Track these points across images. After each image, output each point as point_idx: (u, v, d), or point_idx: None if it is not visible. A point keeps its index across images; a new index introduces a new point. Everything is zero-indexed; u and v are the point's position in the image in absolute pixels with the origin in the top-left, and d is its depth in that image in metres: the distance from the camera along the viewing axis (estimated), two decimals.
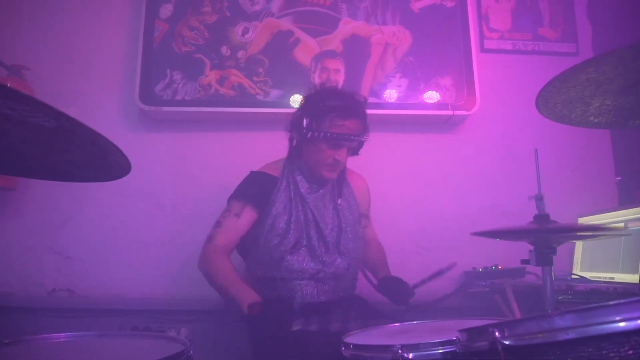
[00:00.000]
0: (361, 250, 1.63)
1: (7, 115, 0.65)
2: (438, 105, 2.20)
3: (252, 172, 1.64)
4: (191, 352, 0.88)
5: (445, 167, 2.27)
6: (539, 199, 1.24)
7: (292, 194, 1.58)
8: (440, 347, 0.86)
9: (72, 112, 0.65)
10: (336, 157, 1.51)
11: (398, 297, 1.46)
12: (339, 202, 1.61)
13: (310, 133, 1.49)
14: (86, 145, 0.76)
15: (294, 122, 1.56)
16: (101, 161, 0.83)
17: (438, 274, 1.46)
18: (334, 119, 1.48)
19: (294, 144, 1.60)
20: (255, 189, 1.57)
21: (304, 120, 1.50)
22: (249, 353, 1.56)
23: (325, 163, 1.52)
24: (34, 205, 2.09)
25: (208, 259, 1.50)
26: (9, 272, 2.03)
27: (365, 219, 1.74)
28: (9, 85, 1.88)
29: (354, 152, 1.59)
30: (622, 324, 0.61)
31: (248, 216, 1.55)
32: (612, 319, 0.62)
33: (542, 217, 1.22)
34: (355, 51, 2.23)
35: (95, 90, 2.18)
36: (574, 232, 1.38)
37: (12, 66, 1.99)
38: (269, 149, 1.74)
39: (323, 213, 1.58)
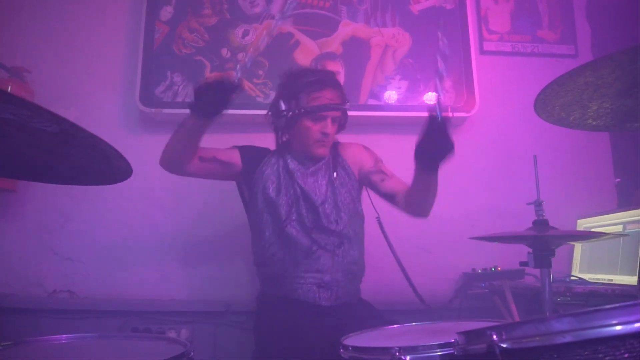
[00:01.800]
0: (359, 228, 1.61)
1: (8, 120, 0.66)
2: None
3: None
4: (192, 353, 0.89)
5: (444, 169, 2.26)
6: (537, 204, 1.25)
7: (280, 169, 1.59)
8: (438, 350, 0.87)
9: (73, 114, 0.66)
10: (323, 129, 1.52)
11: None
12: (334, 175, 1.60)
13: (290, 112, 1.51)
14: (87, 149, 0.76)
15: (272, 109, 1.57)
16: (103, 165, 0.84)
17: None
18: (310, 93, 1.51)
19: (280, 133, 1.61)
20: (248, 146, 1.64)
21: (282, 104, 1.53)
22: (249, 354, 1.57)
23: (314, 140, 1.53)
24: (34, 207, 2.09)
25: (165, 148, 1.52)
26: (10, 273, 2.03)
27: (379, 174, 1.63)
28: (9, 89, 1.89)
29: (340, 125, 1.60)
30: (618, 328, 0.61)
31: (230, 154, 1.59)
32: (609, 322, 0.62)
33: (540, 223, 1.23)
34: (355, 53, 2.24)
35: (95, 92, 2.19)
36: (572, 238, 1.39)
37: (12, 68, 1.99)
38: None
39: (314, 188, 1.57)
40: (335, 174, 1.60)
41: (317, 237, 1.52)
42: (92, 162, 0.83)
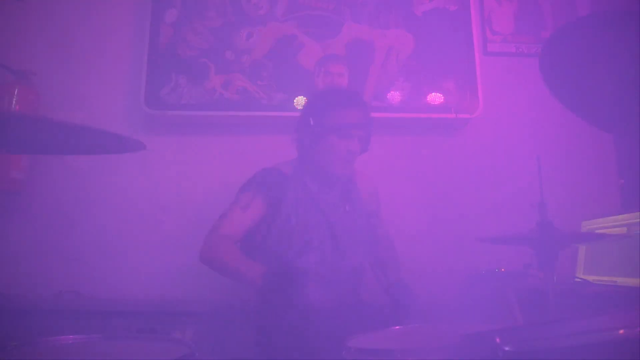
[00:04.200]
0: (367, 254, 1.64)
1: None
2: (441, 109, 2.21)
3: (263, 168, 1.62)
4: (196, 354, 0.89)
5: (448, 170, 2.27)
6: (541, 206, 1.25)
7: (301, 194, 1.57)
8: (440, 352, 0.87)
9: (79, 116, 0.67)
10: (349, 148, 1.52)
11: (403, 309, 1.49)
12: (347, 208, 1.62)
13: (319, 128, 1.52)
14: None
15: (300, 125, 1.58)
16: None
17: None
18: (338, 110, 1.53)
19: (304, 149, 1.60)
20: (267, 182, 1.56)
21: (310, 120, 1.54)
22: (253, 354, 1.58)
23: (339, 157, 1.53)
24: (40, 208, 2.11)
25: (211, 247, 1.48)
26: (16, 274, 2.05)
27: (375, 218, 1.72)
28: (16, 91, 1.91)
29: (363, 146, 1.59)
30: (622, 332, 0.62)
31: (256, 208, 1.53)
32: (613, 325, 0.63)
33: (544, 224, 1.23)
34: (359, 55, 2.24)
35: (101, 94, 2.20)
36: (576, 240, 1.39)
37: (19, 71, 2.01)
38: (272, 152, 1.75)
39: (334, 214, 1.58)
40: (347, 206, 1.62)
41: (335, 266, 1.54)
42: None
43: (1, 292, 1.96)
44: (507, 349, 0.69)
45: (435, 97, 2.23)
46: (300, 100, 2.13)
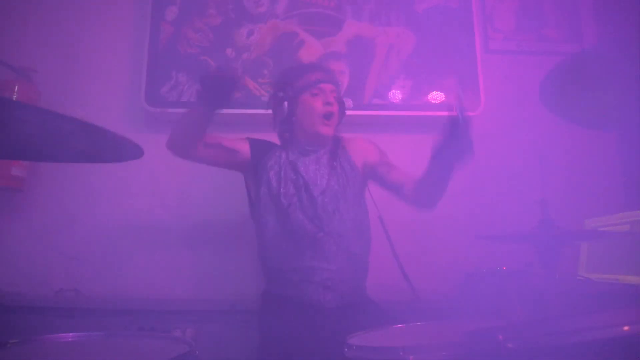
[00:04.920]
0: (361, 222, 1.62)
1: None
2: (442, 106, 2.20)
3: None
4: (197, 352, 0.89)
5: None
6: (543, 203, 1.24)
7: (282, 160, 1.62)
8: (443, 350, 0.86)
9: (79, 113, 0.66)
10: (326, 100, 1.56)
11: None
12: (334, 165, 1.61)
13: (291, 93, 1.57)
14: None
15: (274, 101, 1.63)
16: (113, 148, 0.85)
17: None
18: (303, 74, 1.60)
19: (283, 127, 1.63)
20: (257, 139, 1.67)
21: (279, 94, 1.60)
22: (254, 353, 1.57)
23: (318, 115, 1.56)
24: (41, 206, 2.11)
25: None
26: (16, 272, 2.05)
27: (384, 166, 1.65)
28: (16, 89, 1.90)
29: (340, 108, 1.62)
30: (626, 328, 0.61)
31: (240, 144, 1.63)
32: (616, 322, 0.62)
33: (546, 223, 1.22)
34: (360, 53, 2.23)
35: (101, 92, 2.20)
36: (578, 237, 1.38)
37: (19, 68, 2.00)
38: None
39: (314, 177, 1.59)
40: (334, 162, 1.62)
41: (321, 224, 1.52)
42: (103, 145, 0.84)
43: (1, 290, 1.96)
44: (510, 346, 0.68)
45: (436, 95, 2.22)
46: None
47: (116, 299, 1.99)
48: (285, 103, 1.59)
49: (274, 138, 1.71)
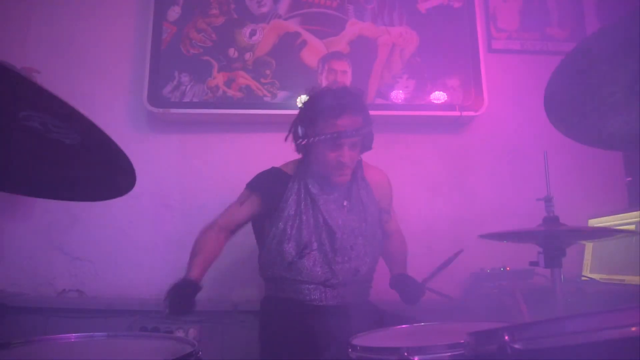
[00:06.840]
0: (377, 253, 1.61)
1: (32, 129, 0.64)
2: (445, 106, 2.19)
3: (272, 167, 1.64)
4: (200, 353, 0.88)
5: (453, 168, 2.26)
6: (547, 200, 1.23)
7: (302, 196, 1.56)
8: (447, 350, 0.86)
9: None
10: (339, 158, 1.46)
11: (409, 296, 1.46)
12: (345, 204, 1.58)
13: (305, 140, 1.48)
14: (101, 161, 0.75)
15: (292, 132, 1.54)
16: (106, 178, 0.83)
17: (446, 263, 1.46)
18: (327, 119, 1.44)
19: (297, 149, 1.58)
20: (265, 182, 1.59)
21: (299, 129, 1.50)
22: (256, 353, 1.57)
23: (331, 167, 1.49)
24: (44, 207, 2.11)
25: (202, 230, 1.59)
26: (19, 272, 2.05)
27: (386, 214, 1.68)
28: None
29: (364, 147, 1.55)
30: (633, 329, 0.60)
31: (250, 205, 1.58)
32: (622, 323, 0.61)
33: (551, 220, 1.21)
34: (362, 52, 2.23)
35: (104, 93, 2.20)
36: (583, 234, 1.37)
37: (22, 69, 2.01)
38: (276, 150, 1.73)
39: (335, 216, 1.55)
40: (345, 202, 1.58)
41: (335, 267, 1.51)
42: (95, 175, 0.83)
43: (4, 290, 1.96)
44: (516, 346, 0.67)
45: (439, 95, 2.21)
46: (303, 98, 2.12)
47: (119, 300, 2.00)
48: (301, 142, 1.49)
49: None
